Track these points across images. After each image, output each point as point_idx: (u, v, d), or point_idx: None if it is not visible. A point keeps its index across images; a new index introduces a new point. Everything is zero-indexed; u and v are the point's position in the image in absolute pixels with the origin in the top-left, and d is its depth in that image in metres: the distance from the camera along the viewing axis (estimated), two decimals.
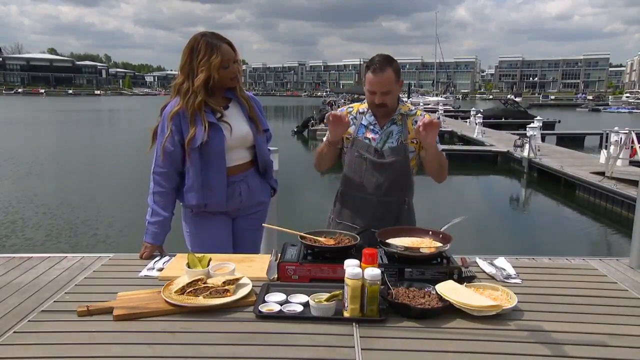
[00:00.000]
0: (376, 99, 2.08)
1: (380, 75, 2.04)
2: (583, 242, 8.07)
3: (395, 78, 2.07)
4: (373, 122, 2.19)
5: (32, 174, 12.79)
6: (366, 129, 2.19)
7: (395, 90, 2.10)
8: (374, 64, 2.05)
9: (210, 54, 1.96)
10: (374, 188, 2.13)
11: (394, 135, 2.16)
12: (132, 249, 2.19)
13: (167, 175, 2.07)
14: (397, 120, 2.17)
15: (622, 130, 10.62)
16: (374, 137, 2.17)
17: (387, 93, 2.07)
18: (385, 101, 2.09)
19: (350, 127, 2.16)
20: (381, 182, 2.13)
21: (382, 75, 2.04)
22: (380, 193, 2.13)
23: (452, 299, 1.42)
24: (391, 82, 2.06)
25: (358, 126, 2.21)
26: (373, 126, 2.18)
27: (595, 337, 1.32)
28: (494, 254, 1.97)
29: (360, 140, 2.18)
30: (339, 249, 1.71)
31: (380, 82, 2.05)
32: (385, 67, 2.04)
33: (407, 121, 2.17)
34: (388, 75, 2.04)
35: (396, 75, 2.08)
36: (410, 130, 2.15)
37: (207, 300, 1.45)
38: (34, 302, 2.95)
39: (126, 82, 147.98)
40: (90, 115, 42.88)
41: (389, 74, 2.04)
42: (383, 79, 2.04)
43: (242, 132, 2.11)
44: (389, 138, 2.16)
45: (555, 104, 76.98)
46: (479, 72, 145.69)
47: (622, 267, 3.72)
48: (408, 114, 2.18)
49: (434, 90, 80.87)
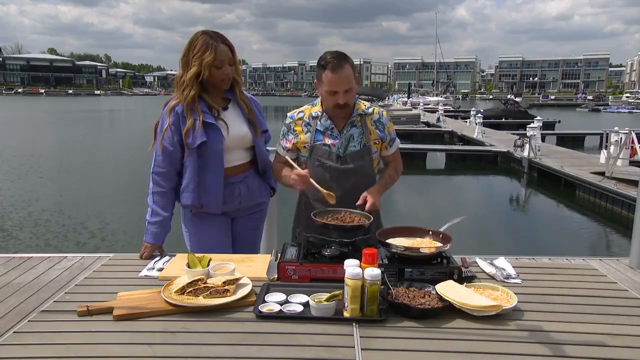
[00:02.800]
0: (339, 99, 1.95)
1: (340, 72, 1.91)
2: (583, 242, 8.07)
3: (353, 74, 1.96)
4: (330, 126, 2.06)
5: (32, 174, 12.78)
6: (323, 134, 2.06)
7: (355, 87, 1.99)
8: (329, 62, 1.91)
9: (204, 50, 1.97)
10: (340, 197, 1.95)
11: (355, 138, 2.05)
12: (132, 249, 2.19)
13: (166, 175, 2.07)
14: (356, 122, 2.07)
15: (622, 130, 10.62)
16: (334, 143, 2.04)
17: (349, 91, 1.96)
18: (348, 100, 1.98)
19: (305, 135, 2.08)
20: (348, 189, 2.01)
21: (342, 71, 1.91)
22: (349, 201, 1.95)
23: (452, 299, 1.42)
24: (351, 79, 1.95)
25: (314, 132, 2.07)
26: (330, 131, 2.06)
27: (595, 337, 1.32)
28: (494, 254, 1.97)
29: (319, 147, 2.05)
30: (353, 228, 1.76)
31: (341, 80, 1.92)
32: (343, 64, 1.92)
33: (367, 121, 2.08)
34: (347, 71, 1.93)
35: (353, 70, 1.96)
36: (371, 130, 2.07)
37: (207, 300, 1.45)
38: (34, 302, 2.95)
39: (126, 82, 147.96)
40: (90, 115, 42.87)
41: (348, 70, 1.93)
42: (343, 76, 1.92)
43: (241, 133, 2.12)
44: (350, 142, 2.05)
45: (555, 104, 76.91)
46: (479, 72, 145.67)
47: (622, 267, 3.72)
48: (366, 113, 2.09)
49: (434, 90, 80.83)
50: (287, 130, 2.16)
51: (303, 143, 2.09)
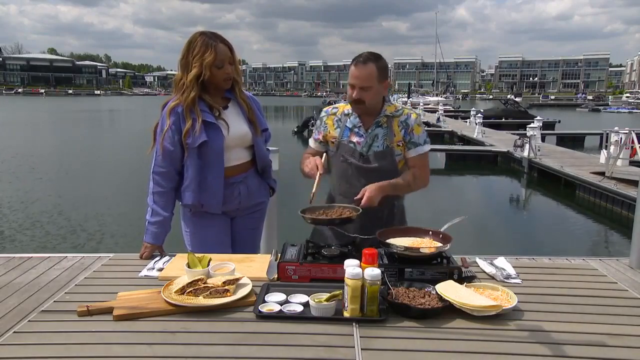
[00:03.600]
0: (354, 93, 2.00)
1: (360, 68, 1.96)
2: (583, 242, 8.07)
3: (378, 75, 1.98)
4: (358, 124, 2.11)
5: (32, 174, 12.78)
6: (351, 132, 2.12)
7: (376, 88, 2.01)
8: (357, 57, 1.99)
9: (204, 51, 1.97)
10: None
11: (379, 138, 2.08)
12: (132, 249, 2.19)
13: (166, 175, 2.07)
14: (382, 122, 2.09)
15: (622, 130, 10.62)
16: (359, 141, 2.10)
17: (366, 89, 1.98)
18: (362, 97, 1.99)
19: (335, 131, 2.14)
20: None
21: (363, 68, 1.96)
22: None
23: (452, 299, 1.42)
24: (372, 78, 1.97)
25: (343, 129, 2.14)
26: (358, 129, 2.11)
27: (595, 337, 1.32)
28: (494, 254, 1.97)
29: (345, 144, 2.12)
30: (342, 221, 1.79)
31: (359, 76, 1.97)
32: (368, 62, 1.96)
33: (393, 123, 2.09)
34: (369, 69, 1.96)
35: (380, 72, 1.99)
36: (396, 132, 2.08)
37: (207, 300, 1.45)
38: (34, 302, 2.95)
39: (126, 82, 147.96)
40: (90, 115, 42.86)
41: (371, 68, 1.96)
42: (363, 73, 1.96)
43: (241, 132, 2.12)
44: (374, 142, 2.09)
45: (555, 104, 76.89)
46: (479, 72, 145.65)
47: (622, 267, 3.72)
48: (394, 115, 2.10)
49: (434, 90, 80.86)
50: (320, 123, 2.24)
51: (332, 138, 2.16)
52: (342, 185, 2.15)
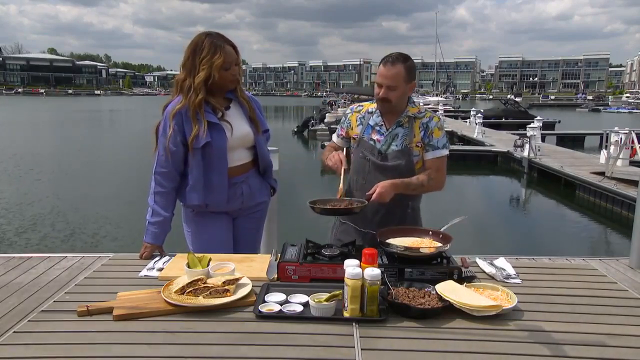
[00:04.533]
0: (381, 92, 2.04)
1: (389, 68, 2.01)
2: (583, 242, 8.07)
3: (406, 76, 2.03)
4: (380, 123, 2.15)
5: (32, 174, 12.79)
6: (372, 129, 2.17)
7: (403, 89, 2.05)
8: (386, 57, 2.03)
9: (213, 53, 1.95)
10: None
11: (399, 138, 2.12)
12: (132, 249, 2.19)
13: (168, 175, 2.07)
14: (403, 122, 2.12)
15: (622, 130, 10.63)
16: (379, 139, 2.14)
17: (393, 89, 2.03)
18: (388, 96, 2.04)
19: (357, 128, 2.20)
20: None
21: (391, 68, 2.00)
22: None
23: (452, 299, 1.42)
24: (399, 78, 2.02)
25: (365, 126, 2.19)
26: (379, 127, 2.15)
27: (595, 337, 1.32)
28: (494, 254, 1.97)
29: (366, 141, 2.16)
30: (345, 211, 1.90)
31: (387, 75, 2.01)
32: (397, 63, 2.01)
33: (415, 124, 2.12)
34: (397, 70, 2.00)
35: (407, 73, 2.03)
36: (416, 133, 2.11)
37: (207, 300, 1.45)
38: (34, 302, 2.95)
39: (126, 82, 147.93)
40: (90, 115, 42.87)
41: (399, 69, 2.01)
42: (390, 73, 2.00)
43: (243, 132, 2.12)
44: (393, 141, 2.12)
45: (555, 104, 76.94)
46: (479, 72, 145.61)
47: (622, 267, 3.72)
48: (416, 117, 2.13)
49: (434, 90, 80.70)
50: (344, 119, 2.30)
51: (354, 134, 2.22)
52: (358, 181, 2.18)
